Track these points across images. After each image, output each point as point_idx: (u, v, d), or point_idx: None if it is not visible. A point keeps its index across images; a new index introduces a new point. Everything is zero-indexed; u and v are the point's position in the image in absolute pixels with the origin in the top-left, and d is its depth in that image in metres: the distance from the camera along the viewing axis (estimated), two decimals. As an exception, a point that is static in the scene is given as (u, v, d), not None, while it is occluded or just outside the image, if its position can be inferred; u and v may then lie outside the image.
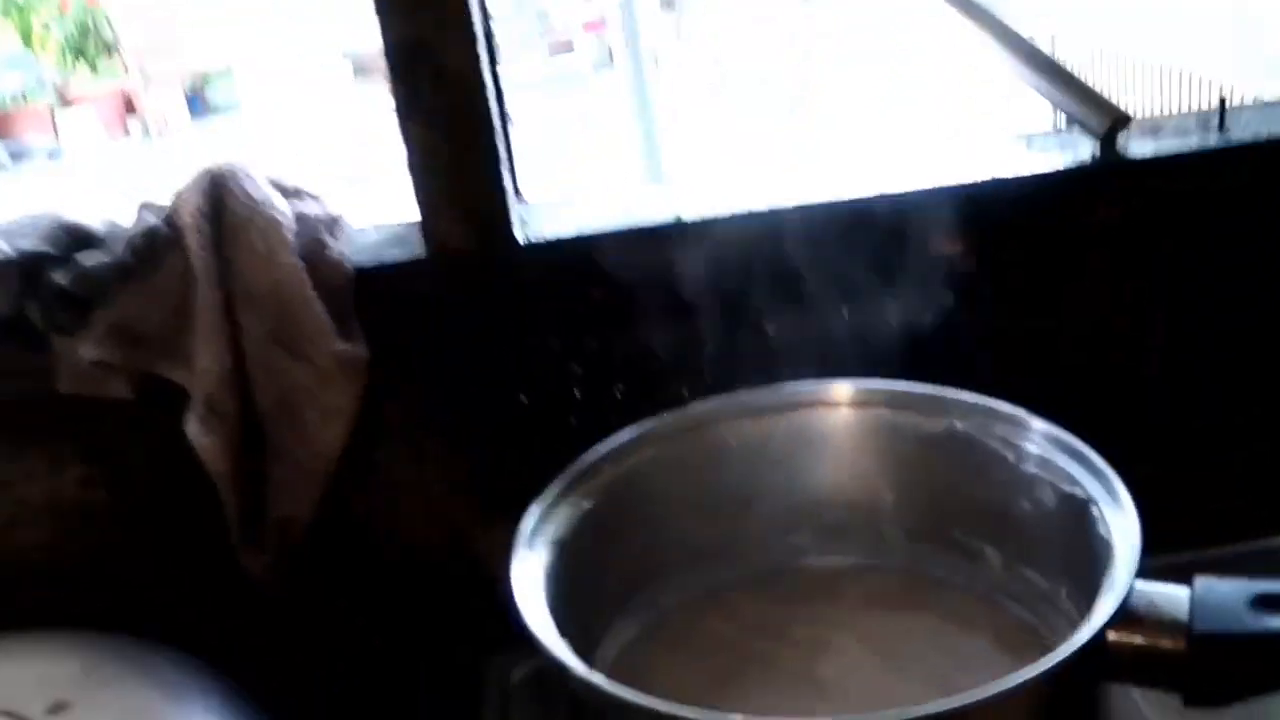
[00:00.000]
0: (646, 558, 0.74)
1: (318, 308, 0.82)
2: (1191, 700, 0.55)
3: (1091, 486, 0.63)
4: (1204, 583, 0.56)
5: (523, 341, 0.87)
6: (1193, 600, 0.55)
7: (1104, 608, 0.54)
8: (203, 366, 0.81)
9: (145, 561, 0.88)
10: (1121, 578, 0.55)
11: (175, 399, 0.82)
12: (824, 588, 0.75)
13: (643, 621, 0.74)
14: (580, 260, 0.85)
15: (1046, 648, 0.67)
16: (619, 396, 0.88)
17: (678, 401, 0.78)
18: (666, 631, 0.74)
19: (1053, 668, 0.52)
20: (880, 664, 0.69)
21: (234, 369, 0.82)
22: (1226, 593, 0.55)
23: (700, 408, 0.74)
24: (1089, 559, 0.62)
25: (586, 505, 0.69)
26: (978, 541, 0.72)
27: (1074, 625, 0.65)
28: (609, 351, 0.87)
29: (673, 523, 0.74)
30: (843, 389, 0.74)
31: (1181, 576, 0.78)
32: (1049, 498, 0.66)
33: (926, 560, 0.75)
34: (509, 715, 0.78)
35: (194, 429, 0.81)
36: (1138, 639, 0.55)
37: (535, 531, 0.65)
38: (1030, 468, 0.67)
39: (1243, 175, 0.87)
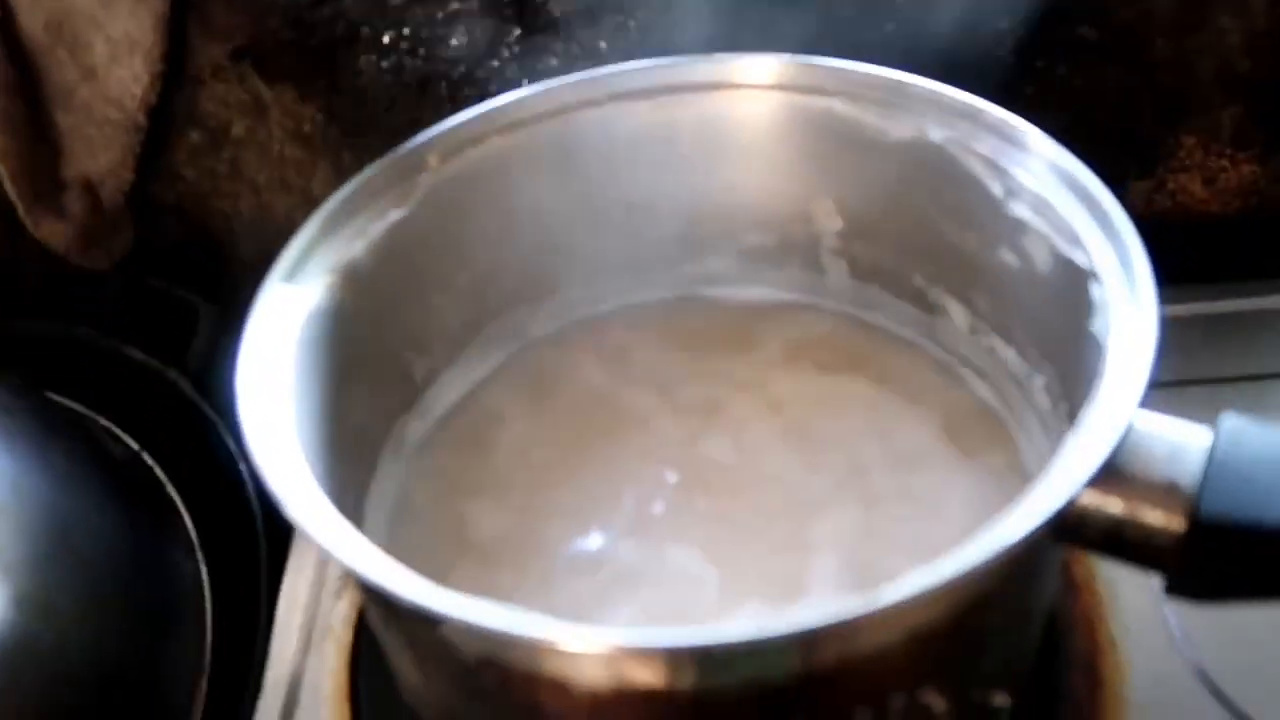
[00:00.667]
0: (498, 280, 0.56)
1: (81, -104, 0.59)
2: (1175, 589, 0.38)
3: (1100, 254, 0.42)
4: (1233, 428, 0.37)
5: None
6: (1211, 459, 0.36)
7: (1076, 467, 0.36)
8: (-64, -27, 0.60)
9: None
10: (1110, 420, 0.36)
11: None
12: (735, 331, 0.57)
13: (495, 359, 0.57)
14: None
15: (1007, 447, 0.51)
16: (512, 49, 0.66)
17: (593, 62, 0.57)
18: (523, 373, 0.57)
19: (988, 560, 0.34)
20: (787, 445, 0.52)
21: (-16, -21, 0.61)
22: (1262, 449, 0.36)
23: (575, 84, 0.53)
24: (1078, 356, 0.43)
25: (397, 215, 0.50)
26: (941, 293, 0.53)
27: (1046, 426, 0.48)
28: (498, -17, 0.65)
29: (536, 236, 0.55)
30: (777, 67, 0.52)
31: (1204, 370, 0.60)
32: (1040, 256, 0.46)
33: (874, 307, 0.56)
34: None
35: (-61, 59, 0.62)
36: (1116, 507, 0.37)
37: (307, 255, 0.46)
38: (1021, 209, 0.46)
39: None
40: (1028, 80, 0.67)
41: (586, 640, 0.33)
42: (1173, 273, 0.69)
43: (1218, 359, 0.62)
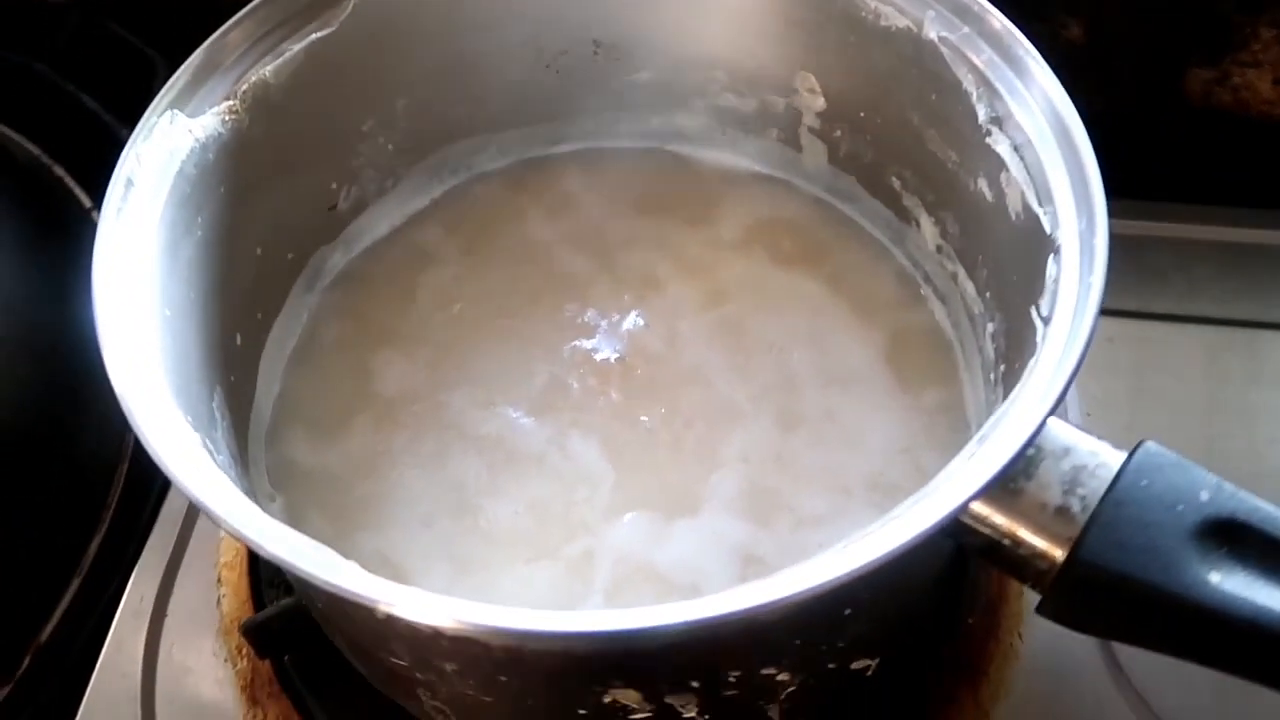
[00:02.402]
0: (444, 109, 0.51)
1: None
2: (1046, 611, 0.35)
3: (1066, 224, 0.37)
4: (1145, 460, 0.34)
5: None
6: (1110, 492, 0.33)
7: (967, 480, 0.32)
8: None
9: None
10: (1014, 435, 0.33)
11: None
12: (697, 199, 0.53)
13: (434, 191, 0.53)
14: None
15: (949, 384, 0.47)
16: None
17: None
18: (462, 210, 0.53)
19: (852, 572, 0.31)
20: (720, 342, 0.49)
21: None
22: (1164, 493, 0.33)
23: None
24: (1024, 326, 0.38)
25: (321, 33, 0.45)
26: (915, 202, 0.48)
27: (987, 379, 0.44)
28: None
29: (489, 66, 0.50)
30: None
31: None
32: (1013, 199, 0.41)
33: (849, 198, 0.51)
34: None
35: None
36: (1002, 523, 0.34)
37: (200, 80, 0.42)
38: (1001, 143, 0.40)
39: None
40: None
41: (420, 610, 0.31)
42: (1214, 172, 0.64)
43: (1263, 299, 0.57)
